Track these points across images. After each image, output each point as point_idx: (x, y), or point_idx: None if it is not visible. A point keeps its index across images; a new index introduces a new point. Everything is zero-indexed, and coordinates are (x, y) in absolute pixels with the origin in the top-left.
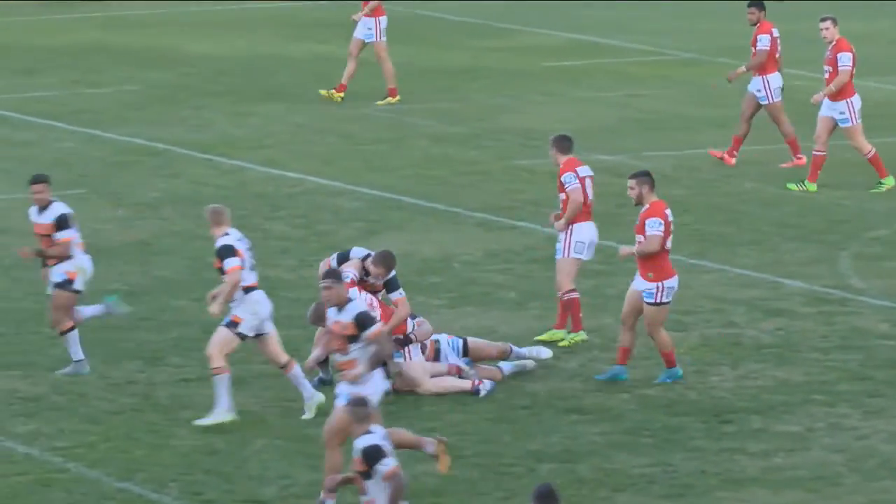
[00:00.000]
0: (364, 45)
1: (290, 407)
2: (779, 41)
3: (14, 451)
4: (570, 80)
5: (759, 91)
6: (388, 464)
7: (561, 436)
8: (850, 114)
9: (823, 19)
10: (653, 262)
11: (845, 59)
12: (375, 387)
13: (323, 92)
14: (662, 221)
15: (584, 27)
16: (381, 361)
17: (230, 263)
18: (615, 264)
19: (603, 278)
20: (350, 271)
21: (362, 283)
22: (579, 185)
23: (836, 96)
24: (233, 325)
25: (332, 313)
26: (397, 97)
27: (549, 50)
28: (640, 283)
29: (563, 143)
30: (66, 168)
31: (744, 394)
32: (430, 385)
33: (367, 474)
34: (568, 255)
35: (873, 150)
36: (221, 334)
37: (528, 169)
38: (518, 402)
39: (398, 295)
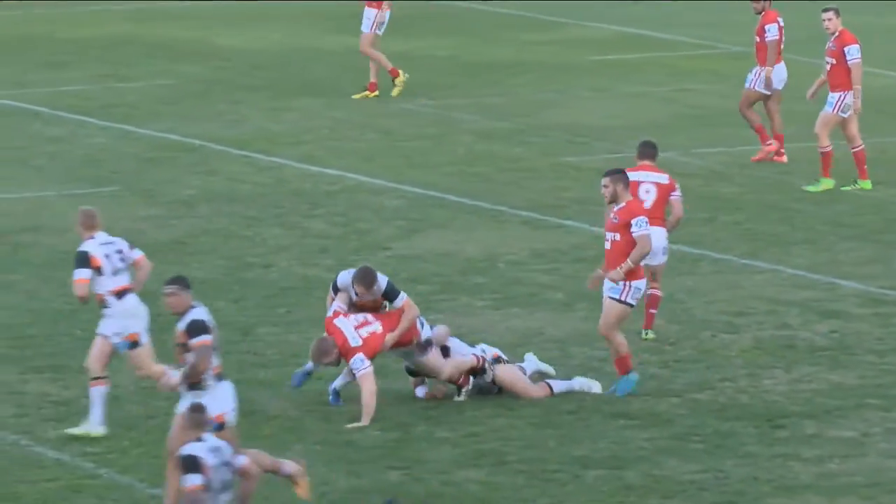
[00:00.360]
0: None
1: (329, 411)
2: (783, 31)
3: (44, 457)
4: (619, 74)
5: (750, 74)
6: (192, 481)
7: (608, 441)
8: (837, 104)
9: (826, 10)
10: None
11: (854, 52)
12: (222, 401)
13: (357, 96)
14: (647, 220)
15: (632, 20)
16: (194, 375)
17: (77, 274)
18: (668, 265)
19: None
20: (337, 305)
21: (358, 306)
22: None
23: (834, 87)
24: (136, 345)
25: (178, 322)
26: (376, 92)
27: (597, 43)
28: (607, 285)
29: (639, 149)
30: (97, 165)
31: (797, 398)
32: (449, 368)
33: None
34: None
35: (830, 147)
36: (135, 355)
37: (574, 166)
38: (564, 407)
39: (401, 301)
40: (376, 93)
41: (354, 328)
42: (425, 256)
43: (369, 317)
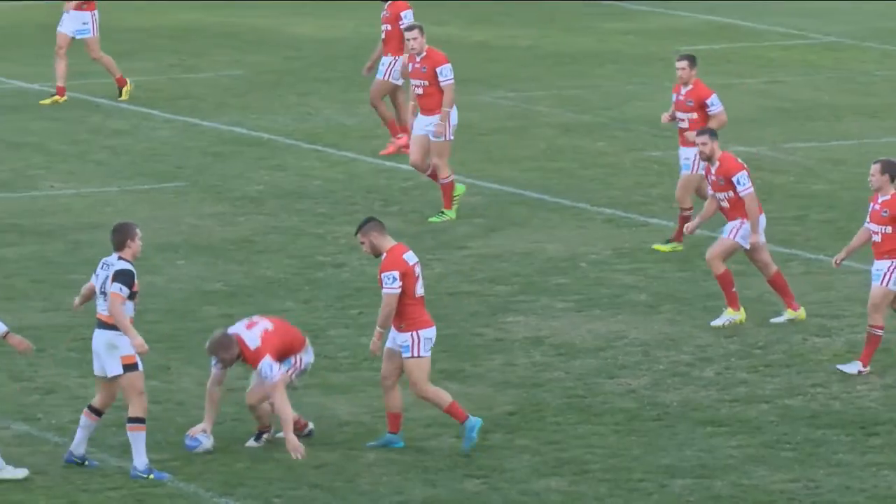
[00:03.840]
0: (72, 40)
1: (406, 417)
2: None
3: (107, 464)
4: (706, 65)
5: (382, 66)
6: None
7: (695, 449)
8: (447, 128)
9: (410, 28)
10: (403, 312)
11: (448, 72)
12: None
13: (45, 101)
14: (398, 275)
15: (720, 8)
16: None
17: None
18: (752, 264)
19: (740, 279)
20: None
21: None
22: None
23: (431, 110)
24: None
25: None
26: (129, 86)
27: (684, 33)
28: (395, 337)
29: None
30: (161, 159)
31: (892, 404)
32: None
33: None
34: None
35: (451, 178)
36: None
37: (659, 161)
38: (649, 414)
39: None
40: (63, 98)
41: (246, 328)
42: (504, 256)
43: (255, 316)
